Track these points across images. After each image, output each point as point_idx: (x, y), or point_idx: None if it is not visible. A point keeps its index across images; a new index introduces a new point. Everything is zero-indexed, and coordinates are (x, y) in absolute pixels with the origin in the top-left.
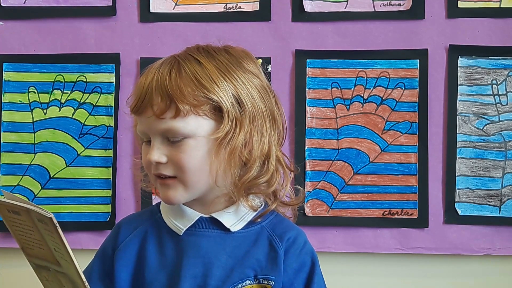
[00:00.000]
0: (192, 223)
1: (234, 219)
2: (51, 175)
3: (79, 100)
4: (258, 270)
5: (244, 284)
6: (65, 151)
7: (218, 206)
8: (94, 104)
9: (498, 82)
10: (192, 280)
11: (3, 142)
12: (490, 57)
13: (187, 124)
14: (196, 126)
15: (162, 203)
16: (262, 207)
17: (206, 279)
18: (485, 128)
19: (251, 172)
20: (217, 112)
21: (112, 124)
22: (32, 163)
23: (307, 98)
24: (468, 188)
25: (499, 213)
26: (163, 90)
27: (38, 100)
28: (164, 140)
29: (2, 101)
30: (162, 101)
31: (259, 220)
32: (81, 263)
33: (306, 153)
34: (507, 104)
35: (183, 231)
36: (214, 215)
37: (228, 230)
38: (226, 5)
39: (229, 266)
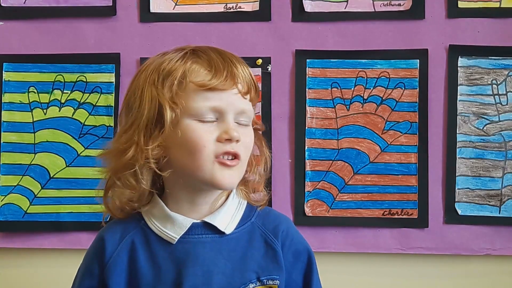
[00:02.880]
0: (185, 230)
1: (226, 219)
2: (51, 175)
3: (79, 100)
4: (259, 271)
5: None
6: (65, 151)
7: (216, 204)
8: (94, 104)
9: (498, 82)
10: None
11: (3, 142)
12: (490, 57)
13: (252, 111)
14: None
15: (144, 210)
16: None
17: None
18: (485, 128)
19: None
20: None
21: (112, 124)
22: (32, 163)
23: (307, 98)
24: (468, 188)
25: (499, 213)
26: (245, 73)
27: (38, 100)
28: (234, 121)
29: (2, 101)
30: (245, 82)
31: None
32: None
33: (306, 153)
34: (507, 104)
35: (176, 240)
36: (206, 219)
37: (222, 233)
38: (226, 5)
39: (228, 271)
